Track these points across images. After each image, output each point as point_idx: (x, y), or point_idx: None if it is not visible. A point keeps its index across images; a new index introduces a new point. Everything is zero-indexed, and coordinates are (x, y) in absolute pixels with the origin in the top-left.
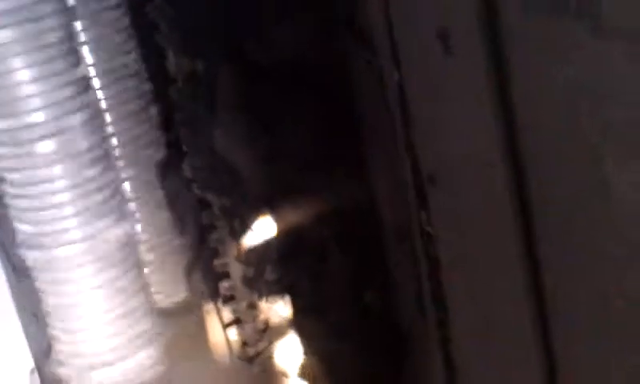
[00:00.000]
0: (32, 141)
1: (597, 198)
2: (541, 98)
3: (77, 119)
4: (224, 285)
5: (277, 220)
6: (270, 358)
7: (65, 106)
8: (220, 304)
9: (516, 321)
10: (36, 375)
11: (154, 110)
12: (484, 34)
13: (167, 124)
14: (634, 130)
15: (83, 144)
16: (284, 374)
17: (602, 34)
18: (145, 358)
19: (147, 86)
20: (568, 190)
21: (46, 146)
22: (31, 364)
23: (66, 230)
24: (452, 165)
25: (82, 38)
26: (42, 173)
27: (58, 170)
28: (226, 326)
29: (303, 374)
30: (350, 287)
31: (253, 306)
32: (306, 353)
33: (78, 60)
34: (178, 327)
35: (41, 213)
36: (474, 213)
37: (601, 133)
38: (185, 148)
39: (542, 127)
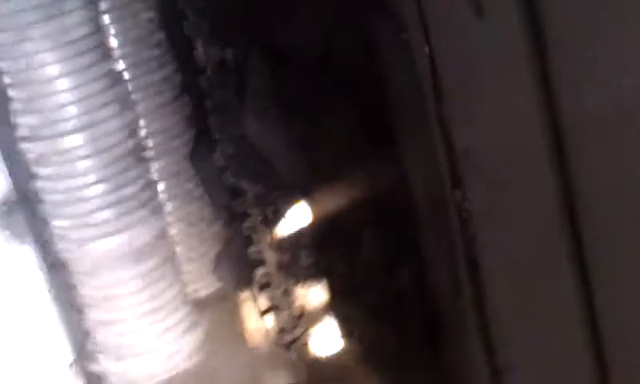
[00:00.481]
0: (63, 135)
1: None
2: (583, 67)
3: (107, 112)
4: (259, 272)
5: (310, 206)
6: (307, 343)
7: (95, 99)
8: (256, 291)
9: (558, 299)
10: (75, 367)
11: (184, 100)
12: None
13: (198, 113)
14: None
15: (114, 137)
16: (321, 360)
17: None
18: (183, 348)
19: (177, 77)
20: (613, 165)
21: (77, 140)
22: (70, 357)
23: (99, 224)
24: (487, 140)
25: (111, 31)
26: (74, 167)
27: (89, 163)
28: (262, 314)
29: (340, 359)
30: (385, 269)
31: (288, 293)
32: (342, 337)
33: (106, 53)
34: (215, 316)
35: (73, 207)
36: (511, 189)
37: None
38: (216, 136)
39: (585, 98)
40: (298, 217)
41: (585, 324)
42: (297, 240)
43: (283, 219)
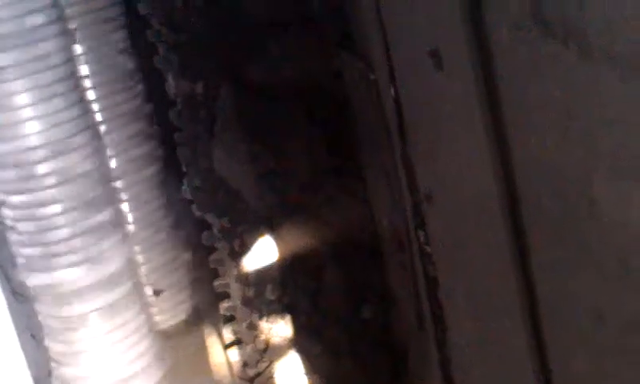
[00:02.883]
0: (32, 163)
1: (587, 216)
2: (531, 118)
3: (77, 141)
4: (224, 305)
5: (276, 239)
6: (271, 378)
7: (65, 128)
8: (220, 325)
9: (513, 338)
10: None
11: (153, 131)
12: (473, 52)
13: (167, 145)
14: (623, 152)
15: (83, 166)
16: None
17: (590, 58)
18: (146, 380)
19: (147, 108)
20: (560, 208)
21: (47, 168)
22: None
23: (67, 253)
24: (448, 183)
25: (83, 60)
26: (44, 195)
27: (59, 192)
28: (226, 347)
29: None
30: (349, 304)
31: (253, 327)
32: (306, 372)
33: (77, 83)
34: (179, 348)
35: (41, 235)
36: (470, 231)
37: (590, 154)
38: (184, 169)
39: (534, 145)
40: (264, 250)
41: (538, 372)
42: (262, 274)
43: (249, 253)
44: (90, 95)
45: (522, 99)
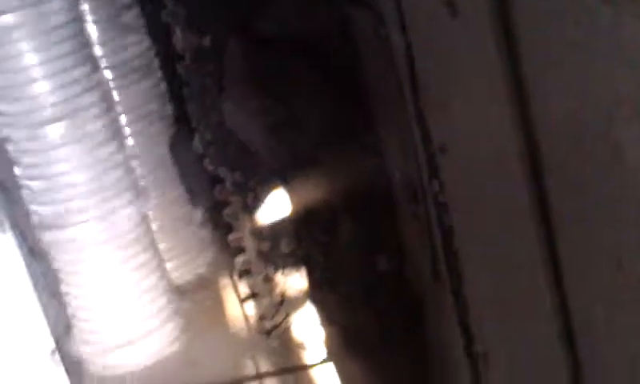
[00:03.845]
0: (43, 123)
1: (609, 161)
2: (551, 63)
3: (86, 100)
4: (239, 259)
5: (290, 193)
6: (287, 330)
7: (74, 87)
8: (236, 279)
9: (532, 286)
10: (57, 355)
11: (162, 87)
12: None
13: (176, 100)
14: None
15: (94, 124)
16: (301, 346)
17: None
18: (163, 335)
19: (155, 63)
20: (581, 153)
21: (58, 128)
22: (52, 344)
23: (80, 210)
24: (463, 134)
25: (89, 17)
26: (55, 154)
27: (69, 150)
28: (242, 301)
29: (320, 345)
30: (364, 256)
31: (268, 280)
32: (322, 324)
33: (85, 41)
34: (195, 303)
35: (55, 194)
36: (486, 180)
37: (612, 96)
38: (194, 123)
39: (553, 91)
40: (277, 204)
41: (557, 314)
42: (276, 227)
43: (263, 206)
44: (98, 52)
45: (541, 45)
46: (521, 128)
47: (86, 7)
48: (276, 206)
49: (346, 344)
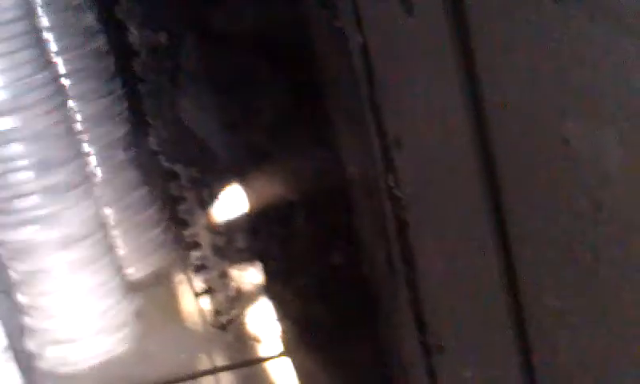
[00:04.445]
0: None
1: (559, 156)
2: (503, 60)
3: (37, 96)
4: (195, 255)
5: (245, 188)
6: (243, 324)
7: (24, 83)
8: (191, 274)
9: (484, 277)
10: (9, 352)
11: (116, 84)
12: None
13: (131, 97)
14: (592, 91)
15: (45, 121)
16: (257, 340)
17: None
18: (117, 331)
19: (109, 60)
20: (531, 148)
21: (6, 124)
22: (4, 341)
23: (29, 209)
24: (418, 127)
25: (41, 13)
26: (4, 151)
27: (19, 147)
28: (198, 296)
29: (276, 339)
30: (319, 250)
31: (224, 275)
32: (277, 318)
33: (37, 38)
34: (151, 299)
35: (3, 192)
36: (440, 173)
37: (561, 93)
38: (150, 120)
39: (505, 87)
40: (233, 199)
41: (509, 305)
42: (232, 222)
43: (218, 202)
44: (53, 48)
45: (494, 41)
46: (474, 122)
47: (39, 2)
48: (231, 202)
49: (302, 338)
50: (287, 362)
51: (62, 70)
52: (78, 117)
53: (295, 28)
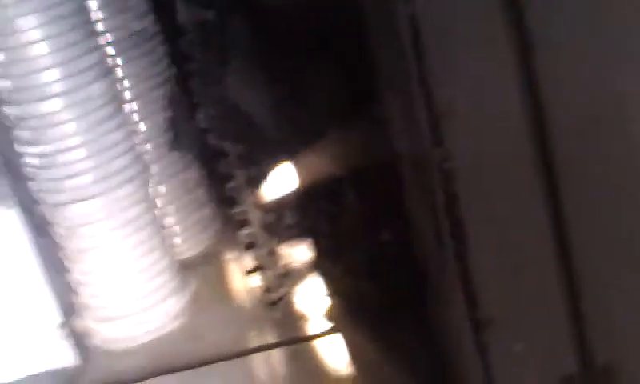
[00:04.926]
0: (44, 99)
1: (613, 114)
2: (555, 18)
3: (89, 77)
4: (244, 233)
5: (294, 164)
6: (292, 301)
7: (76, 63)
8: (240, 252)
9: (536, 248)
10: (63, 329)
11: (164, 63)
12: None
13: (179, 76)
14: None
15: (96, 101)
16: (306, 317)
17: None
18: (168, 309)
19: (158, 39)
20: (586, 110)
21: (59, 104)
22: (58, 319)
23: (81, 186)
24: (468, 97)
25: None
26: (56, 131)
27: (71, 126)
28: (247, 273)
29: (325, 316)
30: (368, 227)
31: (273, 252)
32: (327, 294)
33: (87, 18)
34: (200, 277)
35: (56, 170)
36: (491, 144)
37: (617, 49)
38: (197, 98)
39: (558, 47)
40: (281, 176)
41: (562, 279)
42: (281, 200)
43: (267, 179)
44: (100, 27)
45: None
46: (526, 86)
47: None
48: (280, 179)
49: (351, 314)
50: (336, 339)
51: (110, 51)
52: (127, 95)
53: (342, 2)
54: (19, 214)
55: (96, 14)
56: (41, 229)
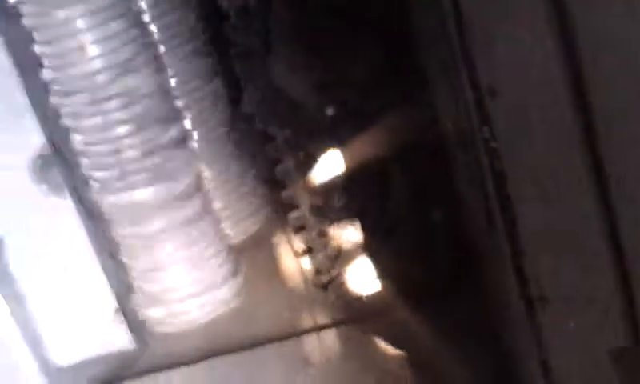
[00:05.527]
0: (98, 87)
1: None
2: None
3: (138, 62)
4: (293, 216)
5: (341, 147)
6: (344, 283)
7: (124, 50)
8: (291, 235)
9: (585, 224)
10: (120, 314)
11: (210, 49)
12: None
13: (223, 61)
14: None
15: (147, 86)
16: (359, 299)
17: None
18: (222, 293)
19: (201, 26)
20: (628, 88)
21: (112, 90)
22: (114, 304)
23: (137, 172)
24: (511, 74)
25: None
26: (111, 117)
27: (125, 113)
28: (298, 256)
29: (377, 297)
30: (417, 207)
31: (323, 234)
32: (378, 276)
33: (132, 4)
34: (252, 260)
35: (111, 158)
36: (537, 121)
37: None
38: (242, 83)
39: (599, 21)
40: (329, 159)
41: (611, 255)
42: (329, 182)
43: (314, 162)
44: (145, 17)
45: None
46: (568, 61)
47: None
48: (327, 161)
49: (402, 296)
50: (387, 321)
51: (156, 36)
52: (174, 82)
53: None
54: (73, 202)
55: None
56: (94, 216)
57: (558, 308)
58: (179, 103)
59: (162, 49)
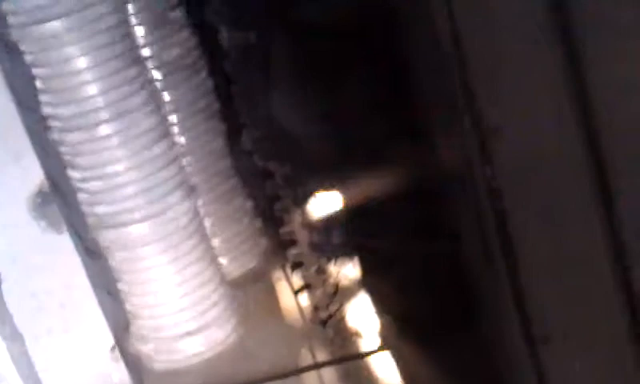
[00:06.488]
0: (95, 124)
1: None
2: (605, 26)
3: (137, 100)
4: (292, 252)
5: (340, 183)
6: (342, 319)
7: (124, 88)
8: (289, 271)
9: (593, 263)
10: (116, 351)
11: (210, 84)
12: None
13: (222, 98)
14: None
15: (145, 123)
16: (357, 335)
17: None
18: (219, 329)
19: (202, 62)
20: (638, 124)
21: (109, 129)
22: (111, 341)
23: (133, 209)
24: (517, 114)
25: (136, 20)
26: (106, 155)
27: (121, 151)
28: (296, 292)
29: (376, 334)
30: (417, 243)
31: (322, 271)
32: (377, 312)
33: (132, 42)
34: (249, 296)
35: (108, 194)
36: (543, 161)
37: None
38: (242, 119)
39: (609, 60)
40: (328, 195)
41: (621, 293)
42: (328, 218)
43: (313, 198)
44: (145, 53)
45: (595, 11)
46: (578, 106)
47: (131, 9)
48: (326, 197)
49: (402, 332)
50: (388, 357)
51: (155, 74)
52: (173, 118)
53: (384, 16)
54: (70, 238)
55: (142, 39)
56: (92, 252)
57: (562, 348)
58: (178, 140)
59: (162, 85)
